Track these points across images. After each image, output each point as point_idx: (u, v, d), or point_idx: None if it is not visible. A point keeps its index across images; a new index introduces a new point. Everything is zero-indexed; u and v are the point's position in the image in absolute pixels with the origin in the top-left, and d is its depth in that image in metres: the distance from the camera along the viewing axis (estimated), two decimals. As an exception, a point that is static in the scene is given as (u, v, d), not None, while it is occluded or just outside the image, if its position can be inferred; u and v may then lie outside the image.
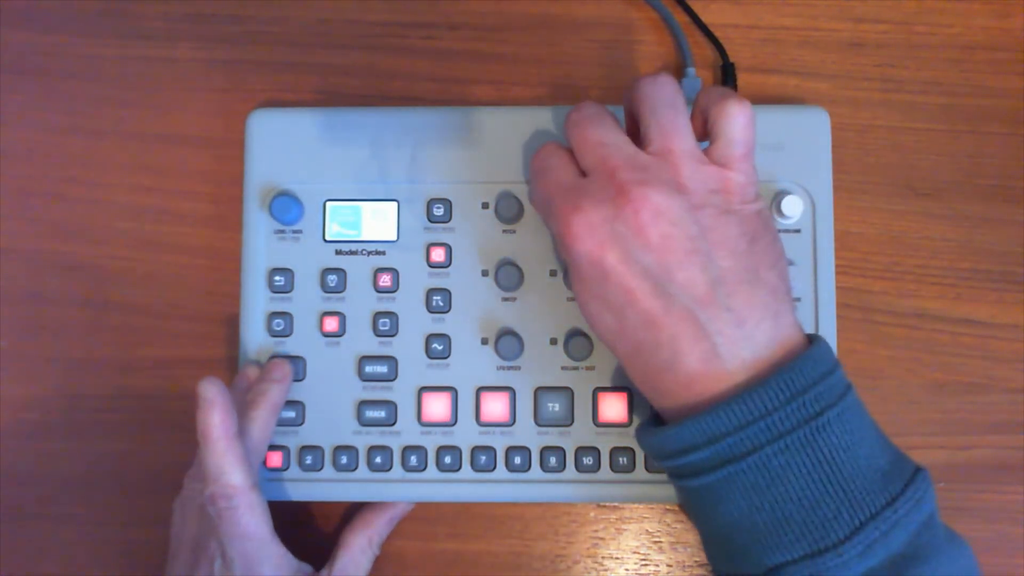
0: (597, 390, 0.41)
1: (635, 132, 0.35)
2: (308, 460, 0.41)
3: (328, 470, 0.41)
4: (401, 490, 0.41)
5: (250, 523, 0.36)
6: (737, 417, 0.31)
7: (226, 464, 0.36)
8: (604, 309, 0.33)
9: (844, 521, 0.30)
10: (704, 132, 0.35)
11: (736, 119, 0.34)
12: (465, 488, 0.41)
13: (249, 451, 0.38)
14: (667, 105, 0.34)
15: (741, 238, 0.33)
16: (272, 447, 0.41)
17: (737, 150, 0.34)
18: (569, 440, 0.41)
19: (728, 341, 0.32)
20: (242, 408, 0.39)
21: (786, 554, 0.31)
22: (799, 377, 0.31)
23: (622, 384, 0.41)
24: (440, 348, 0.41)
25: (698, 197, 0.33)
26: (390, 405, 0.41)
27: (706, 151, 0.34)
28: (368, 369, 0.41)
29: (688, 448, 0.32)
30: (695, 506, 0.35)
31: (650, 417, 0.37)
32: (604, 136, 0.34)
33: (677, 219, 0.32)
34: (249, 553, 0.36)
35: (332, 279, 0.42)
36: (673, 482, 0.35)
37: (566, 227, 0.33)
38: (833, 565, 0.30)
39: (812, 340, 0.34)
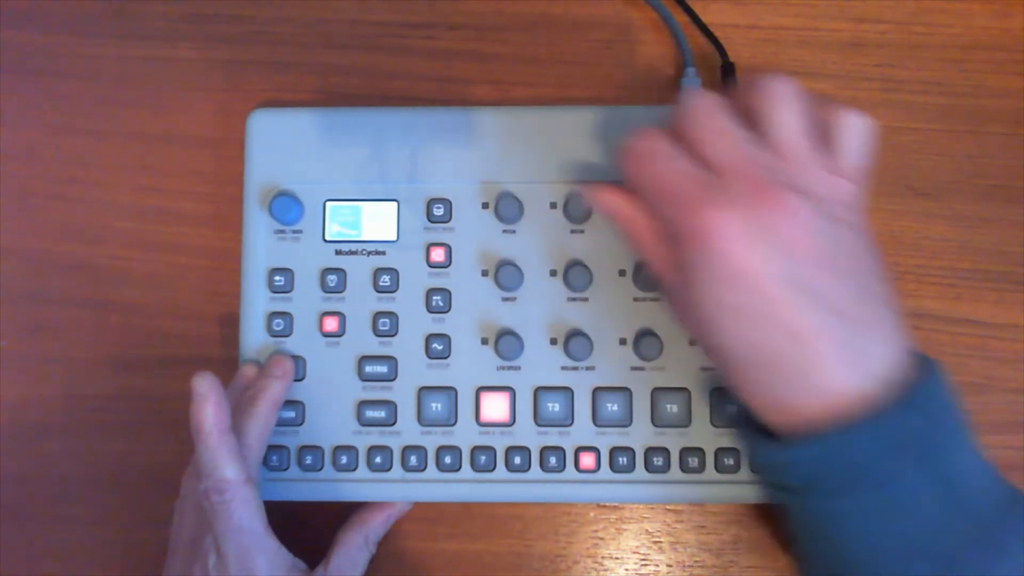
0: (597, 390, 0.41)
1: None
2: (308, 460, 0.41)
3: (328, 470, 0.41)
4: (401, 490, 0.41)
5: (243, 517, 0.36)
6: (870, 436, 0.30)
7: (219, 458, 0.36)
8: (730, 315, 0.31)
9: (972, 547, 0.30)
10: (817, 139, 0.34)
11: (862, 132, 0.33)
12: (465, 488, 0.41)
13: (248, 447, 0.38)
14: (792, 106, 0.33)
15: (867, 251, 0.32)
16: (272, 447, 0.41)
17: (858, 161, 0.33)
18: (569, 440, 0.41)
19: (869, 358, 0.31)
20: (241, 405, 0.39)
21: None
22: (930, 399, 0.31)
23: (622, 384, 0.41)
24: (440, 348, 0.41)
25: (830, 207, 0.32)
26: (390, 405, 0.41)
27: (826, 158, 0.33)
28: (368, 369, 0.41)
29: (817, 463, 0.31)
30: (814, 527, 0.33)
31: (749, 426, 0.35)
32: (736, 134, 0.32)
33: (818, 228, 0.31)
34: (243, 548, 0.36)
35: (332, 279, 0.42)
36: (788, 500, 0.34)
37: (700, 222, 0.31)
38: None
39: (926, 362, 0.33)
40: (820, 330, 0.31)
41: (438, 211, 0.42)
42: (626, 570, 0.43)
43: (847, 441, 0.30)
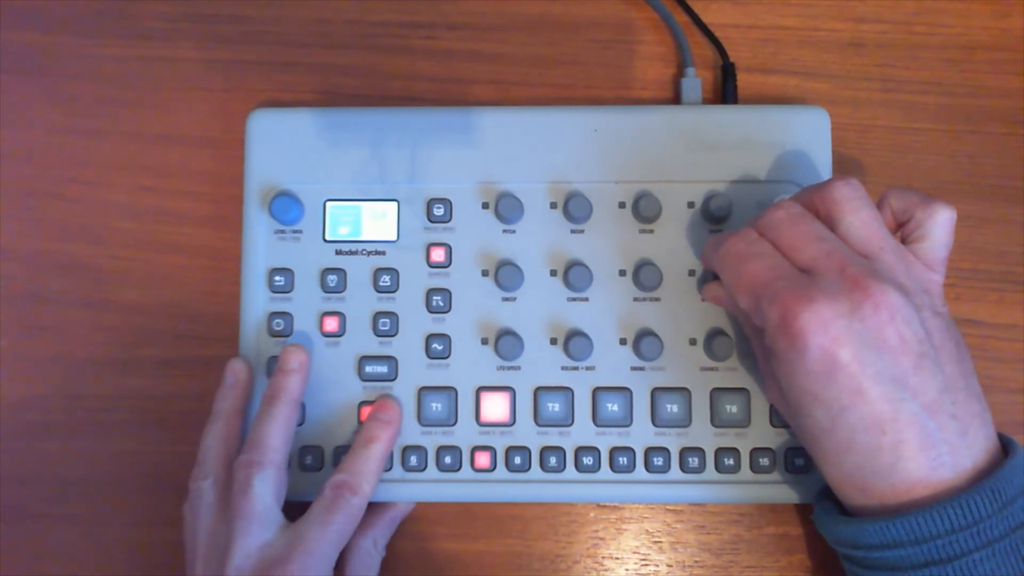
0: (597, 390, 0.41)
1: None
2: (308, 460, 0.41)
3: (328, 470, 0.41)
4: (401, 490, 0.41)
5: (268, 496, 0.37)
6: (950, 522, 0.31)
7: (276, 430, 0.38)
8: (820, 406, 0.32)
9: None
10: (894, 231, 0.35)
11: (945, 223, 0.34)
12: (465, 488, 0.41)
13: (273, 450, 0.38)
14: (867, 205, 0.34)
15: (952, 342, 0.33)
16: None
17: (942, 253, 0.34)
18: (569, 440, 0.41)
19: (952, 450, 0.32)
20: (260, 404, 0.40)
21: None
22: (1009, 486, 0.31)
23: (622, 384, 0.41)
24: (440, 348, 0.41)
25: (917, 298, 0.33)
26: (390, 405, 0.41)
27: (910, 251, 0.35)
28: (368, 369, 0.41)
29: (891, 544, 0.32)
30: None
31: (825, 498, 0.36)
32: (822, 232, 0.34)
33: (909, 319, 0.32)
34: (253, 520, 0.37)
35: (332, 279, 0.42)
36: (856, 571, 0.35)
37: (795, 318, 0.32)
38: None
39: (1006, 443, 0.34)
40: (905, 423, 0.31)
41: (438, 211, 0.42)
42: (626, 570, 0.43)
43: (920, 522, 0.31)
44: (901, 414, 0.31)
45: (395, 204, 0.42)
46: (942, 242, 0.35)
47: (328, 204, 0.42)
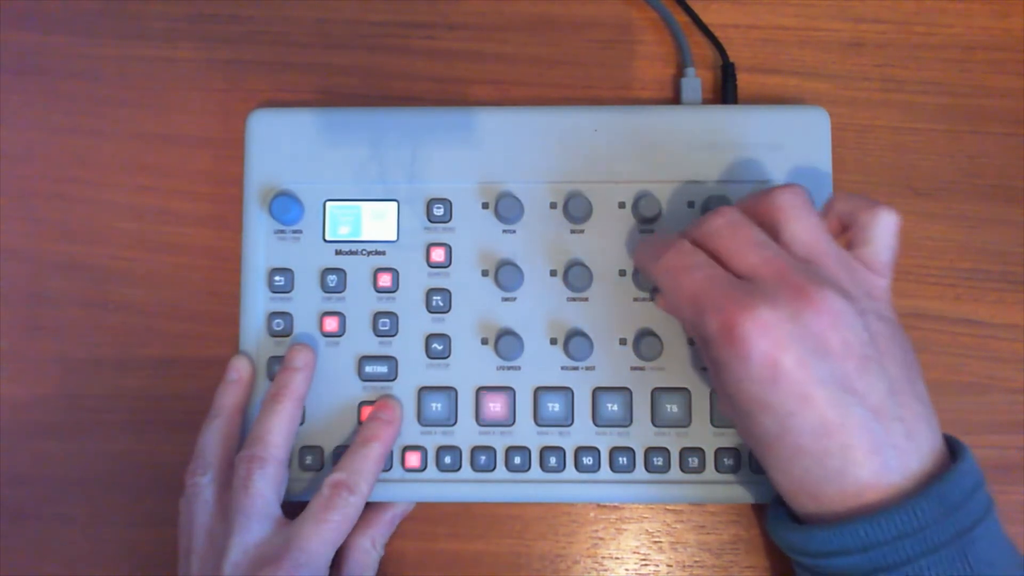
0: (597, 390, 0.41)
1: None
2: (308, 460, 0.41)
3: (328, 470, 0.41)
4: (401, 490, 0.41)
5: (268, 492, 0.37)
6: (896, 527, 0.31)
7: (279, 426, 0.39)
8: (767, 413, 0.32)
9: None
10: (838, 236, 0.35)
11: (889, 227, 0.34)
12: (465, 488, 0.41)
13: (276, 446, 0.38)
14: (809, 211, 0.34)
15: (897, 346, 0.33)
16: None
17: (886, 257, 0.34)
18: (569, 440, 0.41)
19: (900, 453, 0.32)
20: (264, 402, 0.40)
21: None
22: (955, 490, 0.31)
23: (622, 384, 0.41)
24: (440, 348, 0.41)
25: (860, 303, 0.32)
26: (390, 405, 0.41)
27: (855, 255, 0.34)
28: (368, 369, 0.41)
29: (839, 552, 0.32)
30: None
31: (777, 504, 0.36)
32: (762, 238, 0.33)
33: (852, 323, 0.32)
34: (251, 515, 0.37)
35: (332, 279, 0.42)
36: None
37: (735, 325, 0.31)
38: None
39: (954, 447, 0.33)
40: (852, 427, 0.31)
41: (438, 211, 0.42)
42: (626, 570, 0.43)
43: (867, 529, 0.31)
44: (848, 418, 0.31)
45: (395, 204, 0.42)
46: (886, 245, 0.34)
47: (328, 204, 0.42)
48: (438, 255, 0.42)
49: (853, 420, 0.31)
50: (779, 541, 0.36)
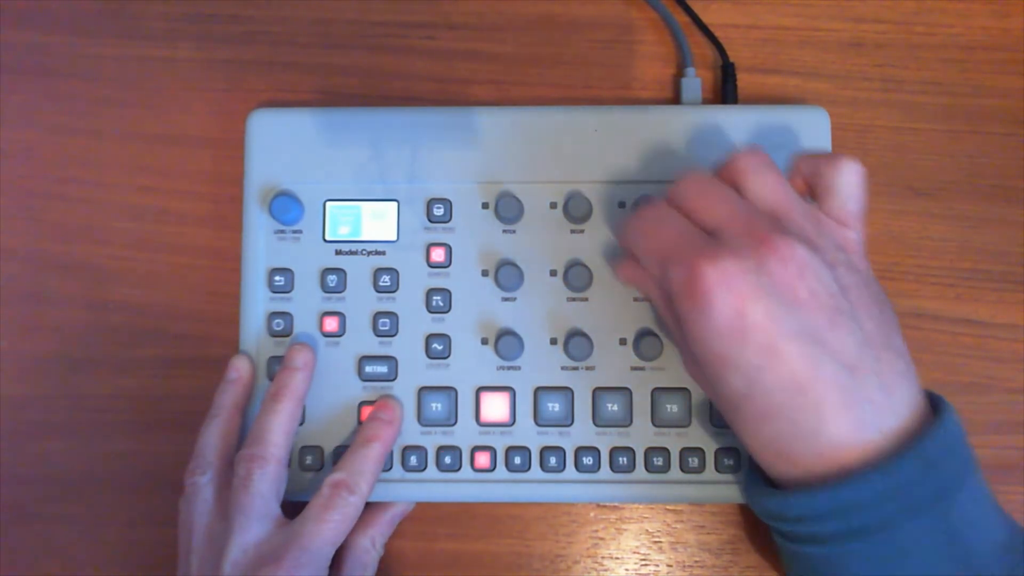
0: (597, 390, 0.41)
1: None
2: (308, 460, 0.41)
3: (328, 470, 0.41)
4: (401, 490, 0.41)
5: (268, 492, 0.37)
6: (874, 488, 0.30)
7: (278, 426, 0.39)
8: (734, 370, 0.31)
9: None
10: (804, 195, 0.35)
11: (852, 176, 0.33)
12: (465, 488, 0.41)
13: (275, 445, 0.38)
14: (771, 169, 0.33)
15: (872, 299, 0.32)
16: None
17: (853, 207, 0.33)
18: (569, 440, 0.41)
19: (876, 409, 0.30)
20: (264, 401, 0.40)
21: None
22: (937, 447, 0.30)
23: (622, 384, 0.41)
24: (440, 348, 0.41)
25: (829, 254, 0.32)
26: (390, 405, 0.41)
27: (822, 209, 0.34)
28: (368, 369, 0.41)
29: (817, 516, 0.31)
30: (804, 572, 0.33)
31: (752, 470, 0.35)
32: (729, 195, 0.33)
33: (821, 274, 0.31)
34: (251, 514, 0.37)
35: (332, 279, 0.42)
36: (785, 545, 0.34)
37: (699, 277, 0.30)
38: None
39: (936, 403, 0.32)
40: (825, 382, 0.30)
41: (438, 211, 0.42)
42: (626, 570, 0.43)
43: (844, 492, 0.30)
44: (820, 372, 0.30)
45: (395, 204, 0.42)
46: (851, 195, 0.33)
47: (328, 204, 0.42)
48: (438, 255, 0.42)
49: (825, 375, 0.30)
50: (755, 508, 0.35)
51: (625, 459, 0.40)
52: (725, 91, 0.45)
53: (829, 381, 0.30)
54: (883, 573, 0.30)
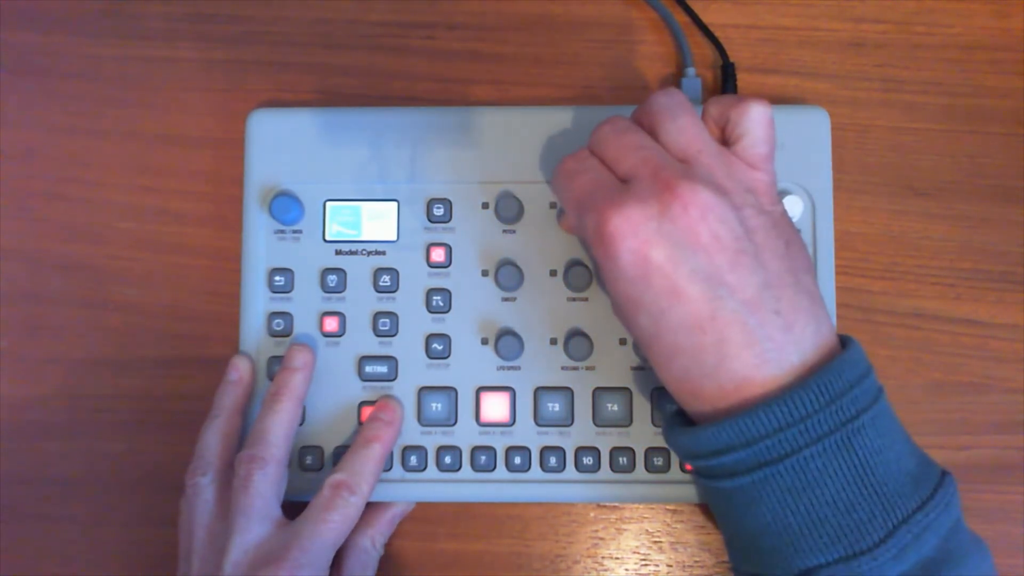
0: (597, 390, 0.41)
1: None
2: (308, 460, 0.41)
3: (328, 470, 0.41)
4: (401, 490, 0.41)
5: (268, 493, 0.37)
6: (777, 420, 0.31)
7: (277, 427, 0.39)
8: (642, 311, 0.32)
9: (878, 524, 0.30)
10: (719, 140, 0.35)
11: (759, 118, 0.34)
12: (465, 488, 0.41)
13: (275, 445, 0.38)
14: (685, 111, 0.34)
15: (779, 240, 0.33)
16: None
17: (762, 149, 0.34)
18: (569, 440, 0.41)
19: (777, 347, 0.31)
20: (264, 401, 0.40)
21: (819, 557, 0.31)
22: (837, 380, 0.31)
23: (622, 384, 0.41)
24: (440, 348, 0.41)
25: (737, 197, 0.32)
26: (390, 405, 0.41)
27: (732, 152, 0.34)
28: (368, 369, 0.41)
29: (724, 449, 0.32)
30: (725, 507, 0.34)
31: (674, 413, 0.36)
32: (643, 141, 0.34)
33: (724, 217, 0.32)
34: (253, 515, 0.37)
35: (332, 279, 0.42)
36: (701, 481, 0.35)
37: (606, 223, 0.32)
38: (867, 569, 0.30)
39: (845, 342, 0.33)
40: (725, 321, 0.31)
41: (438, 211, 0.42)
42: (626, 570, 0.43)
43: (746, 423, 0.31)
44: (720, 312, 0.31)
45: (395, 204, 0.42)
46: (760, 138, 0.34)
47: (328, 204, 0.42)
48: (438, 255, 0.42)
49: (725, 314, 0.31)
50: (673, 448, 0.36)
51: (625, 459, 0.41)
52: (725, 91, 0.45)
53: (730, 320, 0.31)
54: (795, 500, 0.31)
